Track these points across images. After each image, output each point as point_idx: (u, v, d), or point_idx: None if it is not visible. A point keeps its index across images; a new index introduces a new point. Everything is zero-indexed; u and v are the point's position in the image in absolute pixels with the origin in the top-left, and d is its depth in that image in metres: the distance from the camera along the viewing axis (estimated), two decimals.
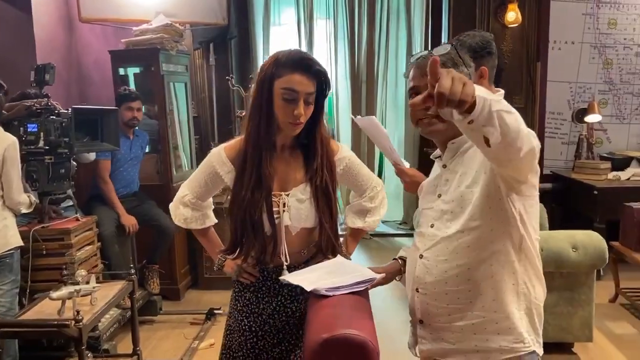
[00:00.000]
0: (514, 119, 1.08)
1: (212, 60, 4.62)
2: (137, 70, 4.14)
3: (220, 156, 1.65)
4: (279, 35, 5.35)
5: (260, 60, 5.27)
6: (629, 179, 4.24)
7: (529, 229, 1.32)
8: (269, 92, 1.53)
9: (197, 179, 1.71)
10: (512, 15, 4.66)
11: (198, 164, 4.60)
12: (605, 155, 4.63)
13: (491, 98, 1.05)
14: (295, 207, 1.59)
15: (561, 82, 4.81)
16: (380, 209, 1.78)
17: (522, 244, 1.32)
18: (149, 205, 3.70)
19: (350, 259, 1.64)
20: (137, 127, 3.61)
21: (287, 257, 1.60)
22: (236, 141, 1.67)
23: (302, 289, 1.45)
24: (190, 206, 1.73)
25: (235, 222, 1.61)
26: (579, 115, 4.65)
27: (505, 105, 1.08)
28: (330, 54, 5.26)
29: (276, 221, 1.58)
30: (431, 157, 1.53)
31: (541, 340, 1.38)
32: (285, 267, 1.60)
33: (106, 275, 3.09)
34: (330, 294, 1.32)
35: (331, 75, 5.32)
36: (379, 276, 1.44)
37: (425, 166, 2.19)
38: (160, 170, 3.97)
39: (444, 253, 1.36)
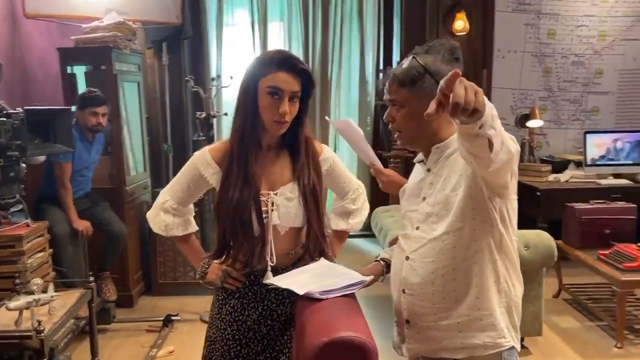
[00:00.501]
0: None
1: (165, 60, 4.51)
2: (85, 68, 3.98)
3: (204, 158, 1.63)
4: (232, 36, 5.29)
5: (214, 60, 5.20)
6: (567, 180, 4.50)
7: (509, 229, 1.39)
8: (254, 91, 1.54)
9: (179, 183, 1.68)
10: (461, 24, 4.85)
11: (151, 166, 4.49)
12: (545, 158, 4.89)
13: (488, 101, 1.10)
14: (284, 206, 1.59)
15: (505, 88, 5.04)
16: (363, 211, 1.81)
17: (502, 242, 1.38)
18: (102, 207, 3.57)
19: (334, 262, 1.66)
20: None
21: (274, 257, 1.59)
22: (221, 143, 1.67)
23: (289, 292, 1.45)
24: (172, 212, 1.69)
25: (223, 224, 1.58)
26: (522, 121, 4.89)
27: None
28: None
29: (265, 221, 1.57)
30: (414, 161, 1.58)
31: (519, 336, 1.45)
32: (269, 268, 1.58)
33: (58, 284, 2.94)
34: (324, 297, 1.33)
35: None
36: (368, 278, 1.47)
37: None
38: (112, 173, 3.83)
39: (431, 254, 1.40)
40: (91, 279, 2.61)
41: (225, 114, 3.51)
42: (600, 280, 3.78)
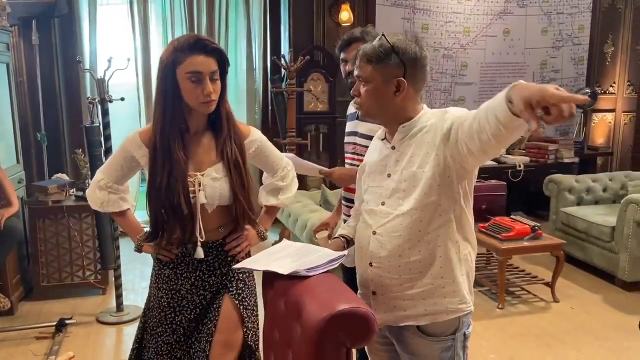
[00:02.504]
0: None
1: (36, 39, 4.05)
2: None
3: (135, 140, 1.69)
4: (108, 16, 4.92)
5: (87, 41, 4.80)
6: None
7: (469, 203, 1.52)
8: (173, 79, 1.58)
9: (113, 164, 1.74)
10: (346, 15, 5.04)
11: (23, 155, 4.02)
12: None
13: None
14: (210, 186, 1.66)
15: None
16: (292, 187, 1.90)
17: (462, 215, 1.51)
18: None
19: (267, 236, 1.82)
20: None
21: (203, 234, 1.68)
22: (151, 126, 1.69)
23: (222, 261, 1.62)
24: (107, 190, 1.75)
25: (155, 208, 1.65)
26: None
27: None
28: (167, 39, 5.01)
29: (192, 201, 1.64)
30: (376, 138, 1.64)
31: (473, 300, 1.58)
32: (199, 244, 1.67)
33: None
34: (311, 274, 1.35)
35: None
36: (346, 252, 1.51)
37: None
38: None
39: (398, 229, 1.48)
40: None
41: (123, 99, 3.26)
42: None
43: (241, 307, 1.69)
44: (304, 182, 4.66)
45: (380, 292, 1.53)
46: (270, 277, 1.48)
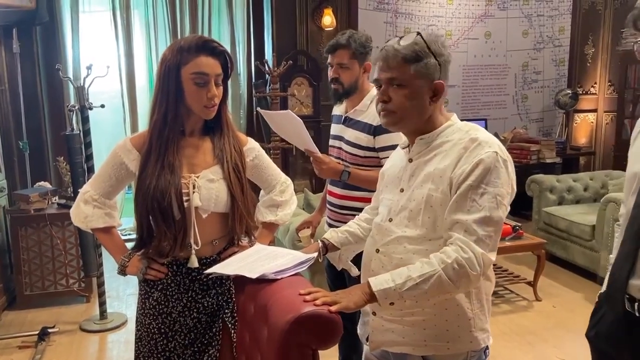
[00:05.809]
0: (435, 282, 1.24)
1: (16, 47, 4.03)
2: None
3: (125, 145, 1.61)
4: (90, 23, 4.92)
5: (69, 48, 4.79)
6: None
7: None
8: (177, 80, 1.52)
9: (101, 174, 1.63)
10: (328, 19, 5.07)
11: (5, 163, 3.99)
12: None
13: (402, 281, 1.25)
14: (205, 188, 1.57)
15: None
16: (291, 203, 1.82)
17: None
18: None
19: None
20: None
21: (199, 241, 1.55)
22: (142, 132, 1.64)
23: (216, 280, 1.49)
24: (92, 203, 1.63)
25: (141, 213, 1.55)
26: None
27: (426, 270, 1.24)
28: (150, 45, 5.02)
29: (185, 204, 1.54)
30: (399, 145, 1.53)
31: (489, 335, 1.42)
32: (193, 252, 1.55)
33: None
34: (279, 277, 1.36)
35: (153, 67, 5.09)
36: (315, 254, 1.51)
37: None
38: None
39: (401, 251, 1.37)
40: None
41: (102, 106, 3.26)
42: None
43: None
44: None
45: (379, 314, 1.40)
46: (241, 281, 1.49)
